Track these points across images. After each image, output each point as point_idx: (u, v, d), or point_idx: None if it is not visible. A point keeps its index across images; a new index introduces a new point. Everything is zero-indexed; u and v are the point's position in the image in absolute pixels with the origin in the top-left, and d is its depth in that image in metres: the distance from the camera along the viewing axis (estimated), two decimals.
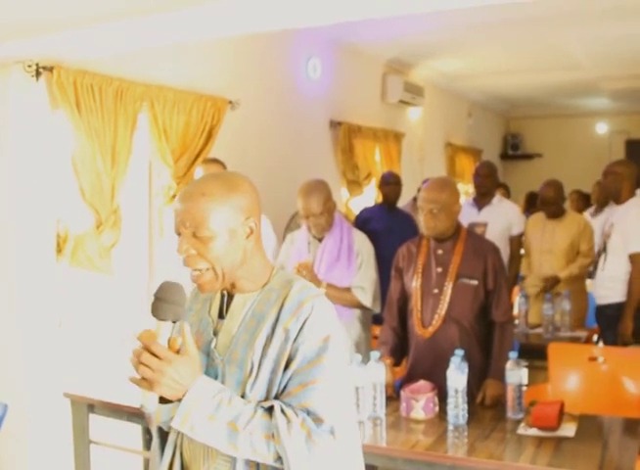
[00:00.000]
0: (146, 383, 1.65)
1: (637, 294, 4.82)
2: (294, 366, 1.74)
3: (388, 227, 5.70)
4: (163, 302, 1.69)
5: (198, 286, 1.83)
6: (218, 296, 1.93)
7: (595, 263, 5.21)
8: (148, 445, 3.96)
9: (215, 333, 1.88)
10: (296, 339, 1.75)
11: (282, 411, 1.70)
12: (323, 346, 1.75)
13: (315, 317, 1.77)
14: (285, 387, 1.76)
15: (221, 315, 1.90)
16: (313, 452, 1.69)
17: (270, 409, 1.72)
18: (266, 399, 1.77)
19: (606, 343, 5.03)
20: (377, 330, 4.38)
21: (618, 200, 5.03)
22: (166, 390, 1.65)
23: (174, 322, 1.71)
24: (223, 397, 1.70)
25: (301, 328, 1.75)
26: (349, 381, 1.87)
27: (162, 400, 1.71)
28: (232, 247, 1.80)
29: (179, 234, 1.81)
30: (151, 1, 3.37)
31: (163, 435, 1.97)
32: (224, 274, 1.81)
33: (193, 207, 1.77)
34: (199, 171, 4.32)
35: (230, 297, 1.89)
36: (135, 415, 3.50)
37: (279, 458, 1.70)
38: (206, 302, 1.96)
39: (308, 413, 1.71)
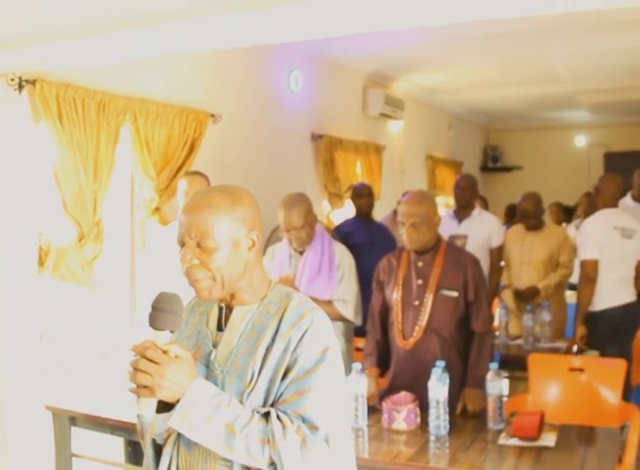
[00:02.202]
0: (146, 390, 1.67)
1: (583, 301, 4.91)
2: (291, 375, 1.77)
3: (369, 241, 5.71)
4: (161, 311, 1.71)
5: (197, 293, 1.85)
6: (216, 309, 1.95)
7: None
8: (130, 457, 3.96)
9: (214, 345, 1.89)
10: (295, 349, 1.78)
11: (278, 417, 1.72)
12: (321, 357, 1.78)
13: (315, 329, 1.80)
14: (281, 395, 1.78)
15: (220, 328, 1.91)
16: (307, 459, 1.70)
17: (266, 415, 1.74)
18: (263, 407, 1.78)
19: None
20: (359, 342, 4.40)
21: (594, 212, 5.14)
22: (167, 392, 1.67)
23: (172, 332, 1.73)
24: (223, 398, 1.73)
25: (301, 338, 1.78)
26: (346, 392, 1.89)
27: (158, 410, 1.73)
28: (234, 258, 1.83)
29: (183, 244, 1.83)
30: (133, 15, 3.39)
31: (157, 448, 1.97)
32: (224, 284, 1.83)
33: (198, 217, 1.81)
34: (181, 184, 4.32)
35: (229, 309, 1.91)
36: (117, 428, 3.50)
37: (272, 464, 1.71)
38: (203, 315, 1.98)
39: (303, 421, 1.73)
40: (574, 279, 5.79)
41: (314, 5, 3.13)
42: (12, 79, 3.96)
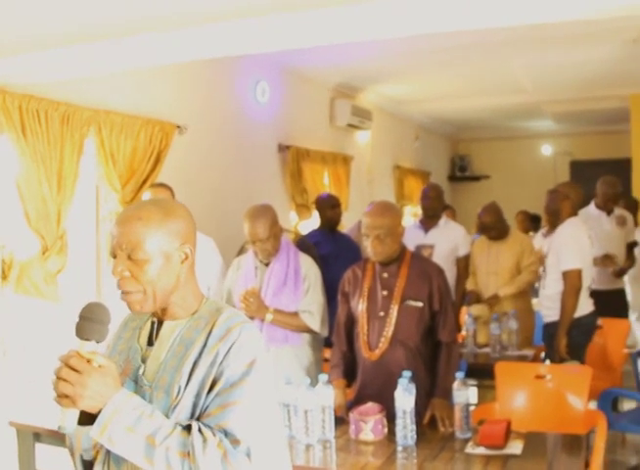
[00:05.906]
0: (67, 400, 1.66)
1: (569, 311, 4.89)
2: (217, 388, 1.75)
3: (334, 252, 5.69)
4: (88, 321, 1.70)
5: (127, 305, 1.84)
6: (148, 324, 1.94)
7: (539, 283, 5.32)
8: None
9: (143, 360, 1.88)
10: (221, 362, 1.77)
11: (199, 430, 1.70)
12: (247, 370, 1.77)
13: (242, 342, 1.79)
14: (207, 408, 1.76)
15: (150, 343, 1.90)
16: None
17: (189, 428, 1.72)
18: None
19: (551, 360, 5.11)
20: (326, 353, 4.39)
21: (558, 219, 5.14)
22: (89, 402, 1.65)
23: (98, 342, 1.71)
24: (145, 410, 1.71)
25: (228, 351, 1.77)
26: (273, 405, 1.87)
27: (81, 422, 1.70)
28: (166, 271, 1.83)
29: (115, 256, 1.83)
30: (98, 28, 3.38)
31: (86, 466, 1.94)
32: (156, 298, 1.82)
33: (129, 230, 1.80)
34: (146, 196, 4.30)
35: (160, 324, 1.90)
36: None
37: None
38: (136, 330, 1.97)
39: (226, 434, 1.71)
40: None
41: (280, 17, 3.14)
42: None
